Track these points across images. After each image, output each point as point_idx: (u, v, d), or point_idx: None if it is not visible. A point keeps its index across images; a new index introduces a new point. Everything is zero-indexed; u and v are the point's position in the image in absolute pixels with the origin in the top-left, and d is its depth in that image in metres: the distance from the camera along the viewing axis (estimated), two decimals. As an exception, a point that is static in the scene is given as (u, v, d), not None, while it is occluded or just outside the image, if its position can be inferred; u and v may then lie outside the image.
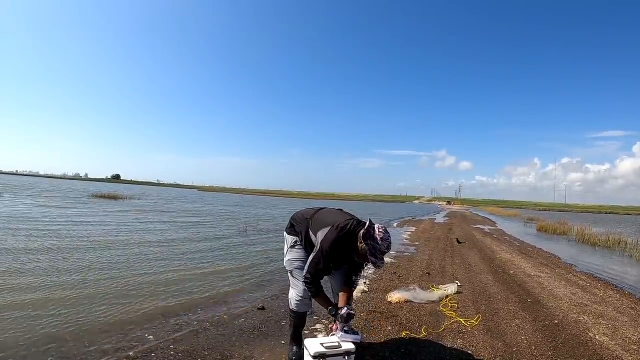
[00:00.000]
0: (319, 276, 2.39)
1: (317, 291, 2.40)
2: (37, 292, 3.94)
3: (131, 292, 4.16)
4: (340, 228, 2.36)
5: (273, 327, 3.30)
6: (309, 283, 2.36)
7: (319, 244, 2.36)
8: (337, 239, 2.32)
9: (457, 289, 4.66)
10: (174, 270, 5.40)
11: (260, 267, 6.00)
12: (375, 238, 2.26)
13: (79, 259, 5.66)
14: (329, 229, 2.38)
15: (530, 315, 3.84)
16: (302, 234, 2.57)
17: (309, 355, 2.22)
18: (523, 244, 11.53)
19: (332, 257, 2.34)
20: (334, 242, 2.32)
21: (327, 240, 2.33)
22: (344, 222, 2.40)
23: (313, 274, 2.35)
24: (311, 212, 2.65)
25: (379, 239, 2.25)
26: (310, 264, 2.37)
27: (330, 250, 2.32)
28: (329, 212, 2.63)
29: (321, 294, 2.42)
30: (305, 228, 2.56)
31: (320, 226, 2.45)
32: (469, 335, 3.18)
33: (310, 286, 2.37)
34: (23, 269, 4.84)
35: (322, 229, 2.42)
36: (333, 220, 2.45)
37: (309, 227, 2.54)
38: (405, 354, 2.75)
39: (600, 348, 3.02)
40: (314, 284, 2.37)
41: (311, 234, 2.52)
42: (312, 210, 2.69)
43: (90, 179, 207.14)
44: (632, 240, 11.93)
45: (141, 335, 3.00)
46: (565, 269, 7.04)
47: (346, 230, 2.35)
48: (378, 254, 2.26)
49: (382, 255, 2.28)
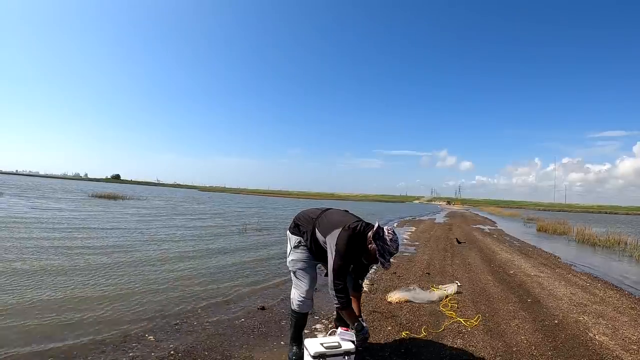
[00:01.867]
0: (345, 280, 2.35)
1: (348, 302, 2.33)
2: (36, 293, 3.94)
3: (131, 292, 4.16)
4: (352, 229, 2.36)
5: (273, 327, 3.29)
6: (340, 291, 2.30)
7: (334, 247, 2.32)
8: (350, 239, 2.32)
9: (457, 289, 4.66)
10: (173, 270, 5.40)
11: (260, 267, 5.99)
12: (385, 239, 2.29)
13: (79, 259, 5.67)
14: (340, 230, 2.36)
15: (530, 316, 3.84)
16: (308, 234, 2.53)
17: (309, 355, 2.22)
18: (523, 244, 11.53)
19: (349, 257, 2.35)
20: (348, 242, 2.31)
21: (341, 241, 2.32)
22: (354, 223, 2.40)
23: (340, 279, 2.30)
24: (318, 212, 2.61)
25: (389, 240, 2.29)
26: (333, 271, 2.31)
27: (347, 251, 2.32)
28: (336, 213, 2.60)
29: (350, 307, 2.36)
30: (312, 228, 2.51)
31: (329, 227, 2.42)
32: (469, 335, 3.19)
33: (342, 295, 2.30)
34: (26, 269, 4.84)
35: (333, 231, 2.38)
36: (342, 221, 2.43)
37: (316, 227, 2.50)
38: (406, 354, 2.75)
39: (600, 348, 3.03)
40: (344, 292, 2.31)
41: (318, 234, 2.47)
42: (318, 210, 2.65)
43: (90, 179, 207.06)
44: (632, 240, 11.93)
45: (141, 335, 3.00)
46: (565, 269, 7.04)
47: (357, 231, 2.36)
48: (387, 255, 2.29)
49: (390, 257, 2.31)
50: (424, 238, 11.41)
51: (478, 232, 15.27)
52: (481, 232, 15.10)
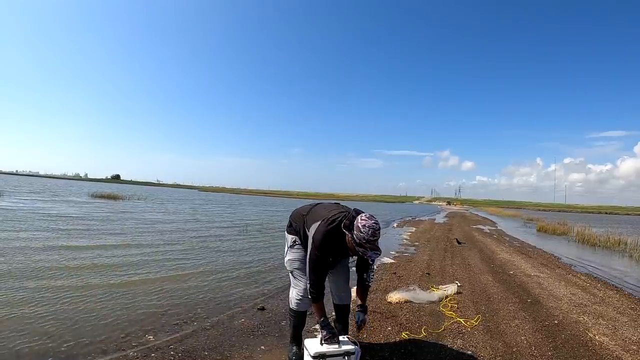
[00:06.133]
0: (322, 275, 2.33)
1: (318, 297, 2.33)
2: (37, 292, 3.94)
3: (131, 292, 4.16)
4: (329, 221, 2.30)
5: (273, 327, 3.29)
6: (313, 285, 2.30)
7: (311, 239, 2.32)
8: (328, 233, 2.27)
9: (457, 289, 4.66)
10: (173, 270, 5.41)
11: (260, 267, 6.00)
12: (358, 227, 2.15)
13: (79, 260, 5.67)
14: (319, 223, 2.34)
15: (530, 316, 3.83)
16: (301, 232, 2.53)
17: (309, 355, 2.22)
18: (523, 244, 11.52)
19: (326, 251, 2.29)
20: (325, 235, 2.27)
21: (318, 234, 2.29)
22: (333, 216, 2.33)
23: (315, 273, 2.29)
24: (308, 208, 2.62)
25: (361, 226, 2.14)
26: (308, 264, 2.32)
27: (322, 244, 2.27)
28: (323, 207, 2.57)
29: (320, 302, 2.35)
30: (302, 225, 2.52)
31: (312, 222, 2.41)
32: (469, 335, 3.18)
33: (313, 290, 2.31)
34: (26, 268, 4.84)
35: (313, 224, 2.37)
36: (323, 215, 2.40)
37: (305, 224, 2.50)
38: (405, 354, 2.75)
39: (600, 348, 3.02)
40: (316, 288, 2.31)
41: (307, 230, 2.47)
42: (308, 206, 2.64)
43: (90, 179, 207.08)
44: (632, 241, 11.92)
45: (141, 335, 3.00)
46: (565, 270, 7.04)
47: (336, 224, 2.29)
48: (365, 243, 2.14)
49: (370, 245, 2.15)
50: (424, 238, 11.40)
51: (478, 232, 15.26)
52: (481, 233, 15.09)
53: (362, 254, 2.18)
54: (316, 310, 2.36)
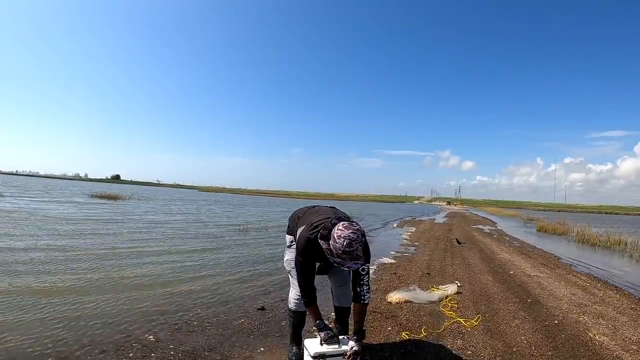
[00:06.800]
0: (309, 279, 2.29)
1: (309, 302, 2.30)
2: (37, 292, 3.94)
3: (131, 292, 4.15)
4: (312, 227, 2.24)
5: (273, 327, 3.29)
6: (302, 288, 2.29)
7: (295, 244, 2.30)
8: (309, 239, 2.22)
9: (457, 289, 4.66)
10: (173, 270, 5.40)
11: (260, 267, 5.99)
12: (334, 237, 2.04)
13: (79, 260, 5.67)
14: (303, 227, 2.31)
15: (530, 316, 3.84)
16: (296, 233, 2.51)
17: (309, 355, 2.22)
18: (523, 244, 11.52)
19: (310, 256, 2.24)
20: (306, 242, 2.22)
21: (300, 239, 2.27)
22: (318, 222, 2.25)
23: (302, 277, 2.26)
24: (304, 210, 2.61)
25: (337, 237, 2.02)
26: (295, 269, 2.30)
27: (305, 250, 2.22)
28: (316, 211, 2.52)
29: (313, 305, 2.32)
30: (297, 227, 2.50)
31: (301, 225, 2.39)
32: (469, 335, 3.18)
33: (303, 293, 2.30)
34: (26, 269, 4.84)
35: (300, 228, 2.35)
36: (311, 219, 2.35)
37: (297, 226, 2.49)
38: (405, 354, 2.75)
39: (600, 348, 3.02)
40: (305, 291, 2.29)
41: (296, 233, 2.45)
42: (305, 208, 2.63)
43: (90, 179, 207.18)
44: (632, 240, 11.92)
45: (141, 335, 3.00)
46: (565, 269, 7.04)
47: (316, 231, 2.20)
48: (342, 254, 2.01)
49: (346, 255, 2.01)
50: (424, 238, 11.40)
51: (478, 232, 15.26)
52: (481, 233, 15.09)
53: (340, 264, 2.07)
54: (311, 314, 2.35)
